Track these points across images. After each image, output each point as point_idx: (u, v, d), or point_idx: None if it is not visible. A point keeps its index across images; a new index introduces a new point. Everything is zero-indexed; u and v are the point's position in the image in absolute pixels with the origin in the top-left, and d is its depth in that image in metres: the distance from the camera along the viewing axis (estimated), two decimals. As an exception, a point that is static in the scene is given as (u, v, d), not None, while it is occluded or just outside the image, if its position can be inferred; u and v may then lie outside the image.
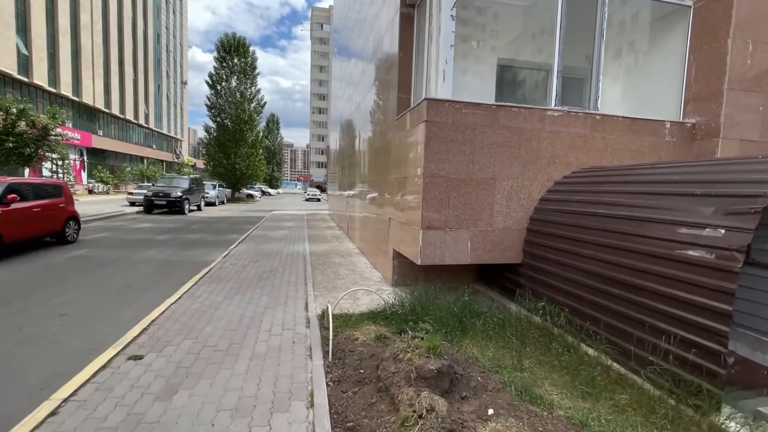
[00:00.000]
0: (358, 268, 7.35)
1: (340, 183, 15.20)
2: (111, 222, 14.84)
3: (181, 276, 6.76)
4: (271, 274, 6.72)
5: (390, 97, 6.44)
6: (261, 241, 10.46)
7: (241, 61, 32.97)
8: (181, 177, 21.64)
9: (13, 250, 8.31)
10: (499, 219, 4.87)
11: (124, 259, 8.17)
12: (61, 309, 4.95)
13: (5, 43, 25.43)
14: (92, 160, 36.93)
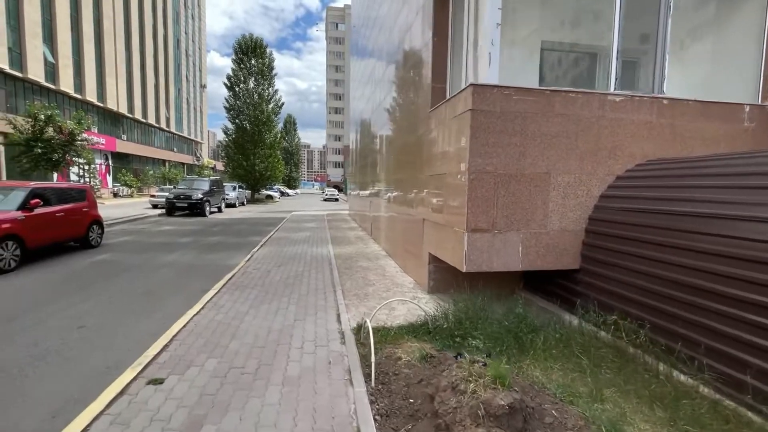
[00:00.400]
0: (388, 272, 6.88)
1: (361, 183, 14.78)
2: (134, 225, 14.87)
3: (203, 282, 6.45)
4: (297, 279, 6.33)
5: (421, 89, 5.94)
6: (283, 244, 10.13)
7: (258, 62, 33.01)
8: (202, 179, 21.70)
9: (36, 255, 8.22)
10: (554, 219, 4.30)
11: (146, 263, 7.95)
12: (80, 320, 4.67)
13: (33, 52, 26.13)
14: (117, 164, 37.78)
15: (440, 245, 4.91)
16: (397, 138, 7.86)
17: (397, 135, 7.84)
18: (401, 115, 7.46)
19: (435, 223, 5.14)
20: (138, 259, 8.42)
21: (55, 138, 23.19)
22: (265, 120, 32.61)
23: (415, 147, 6.35)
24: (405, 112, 7.13)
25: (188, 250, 9.64)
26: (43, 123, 22.83)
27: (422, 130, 5.90)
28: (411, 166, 6.64)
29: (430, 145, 5.44)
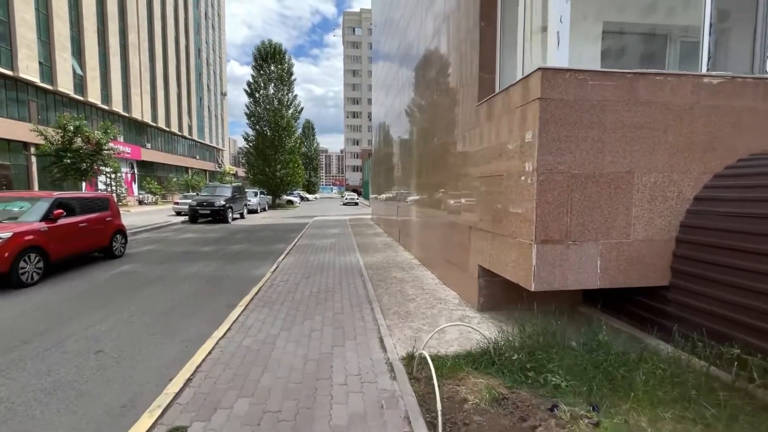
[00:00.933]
0: (427, 284, 6.26)
1: (386, 186, 14.22)
2: (157, 233, 14.77)
3: (228, 297, 6.01)
4: (328, 293, 5.79)
5: (465, 81, 5.33)
6: (309, 252, 9.66)
7: (277, 68, 33.12)
8: (224, 186, 21.67)
9: (59, 266, 8.00)
10: (638, 227, 3.60)
11: (169, 275, 7.60)
12: (99, 342, 4.25)
13: (63, 65, 26.91)
14: (142, 173, 38.62)
15: (496, 258, 4.27)
16: (432, 137, 7.26)
17: (432, 134, 7.24)
18: (437, 112, 6.86)
19: (487, 232, 4.50)
20: (160, 270, 8.09)
21: (83, 148, 23.72)
22: (285, 125, 32.63)
23: (457, 146, 5.73)
24: (442, 109, 6.52)
25: (211, 259, 9.29)
26: (71, 134, 23.40)
27: (466, 127, 5.28)
28: (451, 168, 6.02)
29: (478, 142, 4.82)
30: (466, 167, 5.28)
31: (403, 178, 10.51)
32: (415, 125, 8.87)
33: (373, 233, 13.95)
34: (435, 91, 7.06)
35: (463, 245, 5.33)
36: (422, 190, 8.11)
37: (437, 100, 6.87)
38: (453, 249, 5.83)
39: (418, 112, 8.49)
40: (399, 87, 11.11)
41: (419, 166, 8.38)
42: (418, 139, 8.50)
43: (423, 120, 8.07)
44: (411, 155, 9.33)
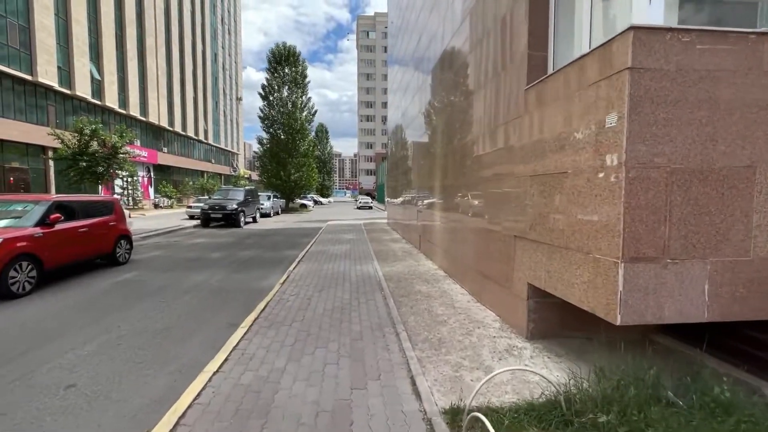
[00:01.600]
0: (457, 301, 5.42)
1: (404, 189, 13.43)
2: (167, 238, 14.30)
3: (232, 313, 5.29)
4: (344, 312, 5.01)
5: (508, 63, 4.50)
6: (322, 260, 8.91)
7: (291, 71, 32.81)
8: (237, 189, 21.24)
9: (58, 274, 7.46)
10: (761, 240, 2.70)
11: (172, 285, 6.96)
12: (73, 374, 3.56)
13: (81, 70, 27.14)
14: (158, 176, 38.83)
15: (556, 276, 3.41)
16: (460, 134, 6.44)
17: (460, 130, 6.41)
18: (467, 106, 6.03)
19: (541, 243, 3.64)
20: (164, 279, 7.47)
21: (99, 151, 23.73)
22: (298, 128, 32.23)
23: (493, 141, 4.90)
24: (474, 100, 5.69)
25: (219, 267, 8.64)
26: (87, 137, 23.44)
27: (509, 117, 4.45)
28: (486, 166, 5.18)
29: (527, 134, 3.98)
30: (508, 165, 4.44)
31: (423, 181, 9.69)
32: (439, 122, 8.06)
33: (390, 239, 13.15)
34: (464, 82, 6.24)
35: (505, 257, 4.48)
36: (448, 193, 7.28)
37: (467, 91, 6.04)
38: (489, 261, 4.97)
39: (443, 108, 7.67)
40: (418, 85, 10.34)
41: (444, 167, 7.55)
42: (443, 137, 7.68)
43: (448, 116, 7.26)
44: (433, 155, 8.51)
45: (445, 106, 7.48)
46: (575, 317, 3.88)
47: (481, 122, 5.40)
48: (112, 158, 24.55)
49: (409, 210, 12.09)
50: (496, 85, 4.86)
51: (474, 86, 5.74)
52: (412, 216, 11.32)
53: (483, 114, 5.34)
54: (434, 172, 8.40)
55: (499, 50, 4.77)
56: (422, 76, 9.88)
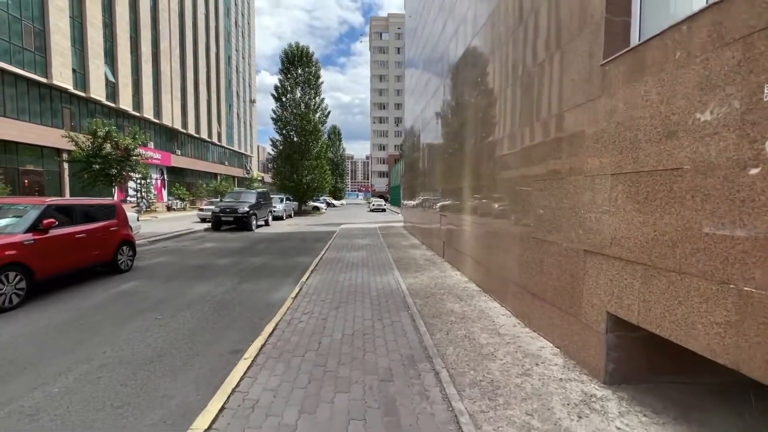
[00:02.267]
0: (501, 326, 4.55)
1: (424, 191, 12.58)
2: (176, 242, 13.76)
3: (236, 335, 4.55)
4: (367, 338, 4.20)
5: (573, 34, 3.65)
6: (338, 268, 8.14)
7: (305, 71, 32.33)
8: (249, 192, 20.71)
9: (50, 284, 6.87)
10: None
11: (173, 298, 6.28)
12: (33, 422, 2.85)
13: (95, 72, 27.15)
14: (171, 179, 38.85)
15: (660, 310, 2.53)
16: (501, 124, 5.58)
17: (502, 120, 5.56)
18: (513, 91, 5.18)
19: (632, 262, 2.77)
20: (165, 290, 6.80)
21: (112, 154, 23.56)
22: (311, 130, 31.70)
23: (549, 130, 4.04)
24: (522, 84, 4.84)
25: (226, 276, 7.95)
26: (101, 139, 23.30)
27: (575, 101, 3.59)
28: (536, 161, 4.32)
29: (605, 120, 3.11)
30: (571, 159, 3.58)
31: (448, 181, 8.83)
32: (469, 115, 7.21)
33: (409, 245, 12.31)
34: (504, 66, 5.39)
35: (567, 276, 3.61)
36: (481, 195, 6.41)
37: (510, 75, 5.19)
38: (542, 277, 4.10)
39: (476, 99, 6.82)
40: (443, 76, 9.50)
41: (475, 165, 6.70)
42: (475, 131, 6.83)
43: (484, 107, 6.41)
44: (461, 153, 7.66)
45: (479, 96, 6.63)
46: (669, 356, 3.00)
47: (530, 110, 4.54)
48: (125, 160, 24.41)
49: (429, 214, 11.23)
50: (553, 65, 4.00)
51: (519, 69, 4.88)
52: (434, 220, 10.46)
53: (533, 100, 4.48)
54: (462, 172, 7.55)
55: (558, 20, 3.91)
56: (448, 66, 9.04)
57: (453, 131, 8.50)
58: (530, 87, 4.55)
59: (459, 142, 7.98)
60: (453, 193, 8.38)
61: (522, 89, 4.79)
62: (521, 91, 4.82)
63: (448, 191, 8.91)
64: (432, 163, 10.89)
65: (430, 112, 11.39)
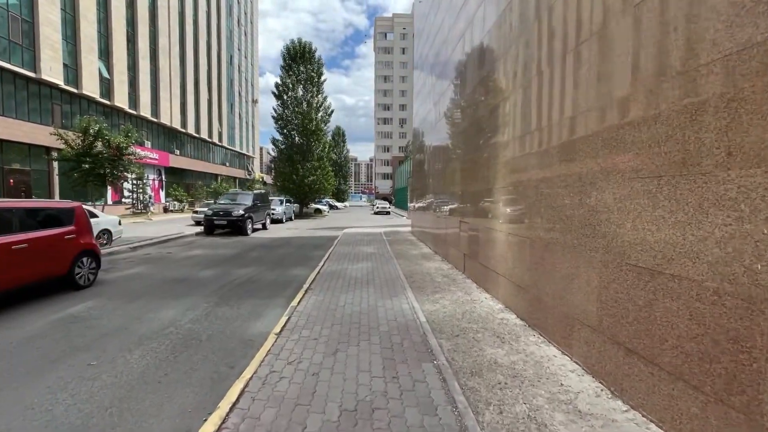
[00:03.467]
0: (578, 394, 3.08)
1: (437, 193, 11.15)
2: (162, 248, 12.40)
3: (187, 400, 3.14)
4: (378, 416, 2.77)
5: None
6: (338, 286, 6.73)
7: (307, 69, 31.04)
8: (245, 193, 19.36)
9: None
10: None
11: (127, 328, 4.89)
12: None
13: (88, 68, 25.98)
14: (170, 179, 37.65)
15: None
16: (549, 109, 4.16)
17: (557, 101, 4.13)
18: (590, 50, 3.75)
19: None
20: (123, 316, 5.41)
21: (103, 152, 22.33)
22: (313, 129, 30.36)
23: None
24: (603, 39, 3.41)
25: (204, 294, 6.55)
26: (92, 137, 22.08)
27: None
28: (625, 148, 2.89)
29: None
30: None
31: (471, 181, 7.39)
32: (506, 98, 5.79)
33: (420, 255, 10.86)
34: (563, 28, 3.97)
35: (727, 340, 2.16)
36: (523, 196, 4.97)
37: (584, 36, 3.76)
38: (659, 330, 2.65)
39: (517, 77, 5.40)
40: (462, 60, 8.09)
41: (510, 160, 5.27)
42: (502, 122, 5.41)
43: (516, 90, 4.98)
44: (487, 148, 6.23)
45: (524, 73, 5.20)
46: None
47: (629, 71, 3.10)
48: (118, 160, 23.18)
49: (444, 219, 9.78)
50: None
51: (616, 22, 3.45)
52: (450, 226, 9.02)
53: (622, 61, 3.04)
54: (492, 170, 6.11)
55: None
56: (468, 47, 7.62)
57: (472, 128, 7.08)
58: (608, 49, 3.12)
59: (481, 138, 6.55)
60: (478, 195, 6.94)
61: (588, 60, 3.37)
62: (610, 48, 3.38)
63: (470, 193, 7.47)
64: (448, 162, 9.45)
65: (441, 106, 9.98)
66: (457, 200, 8.45)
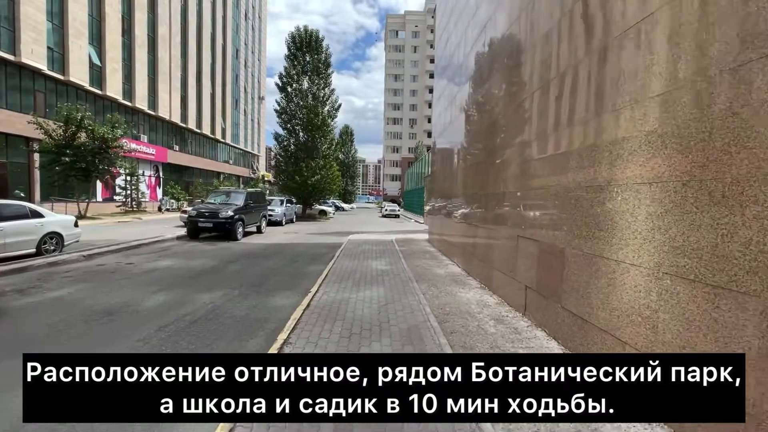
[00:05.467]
0: None
1: (473, 193, 8.62)
2: (124, 256, 10.04)
3: None
4: None
5: None
6: (334, 337, 4.25)
7: (313, 59, 28.72)
8: (237, 191, 17.01)
9: None
10: None
11: None
12: None
13: (77, 53, 23.97)
14: (169, 177, 35.64)
15: None
16: None
17: None
18: None
19: None
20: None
21: (86, 144, 20.22)
22: (319, 124, 28.00)
23: None
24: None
25: (125, 347, 4.10)
26: (75, 128, 20.00)
27: None
28: None
29: None
30: None
31: (561, 169, 4.83)
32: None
33: (448, 275, 8.33)
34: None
35: None
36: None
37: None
38: None
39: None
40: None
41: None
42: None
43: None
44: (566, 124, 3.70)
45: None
46: None
47: None
48: (103, 153, 21.05)
49: (484, 230, 7.23)
50: None
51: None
52: (495, 239, 6.47)
53: None
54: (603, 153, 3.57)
55: None
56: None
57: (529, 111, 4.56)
58: None
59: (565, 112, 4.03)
60: (574, 200, 4.38)
61: None
62: None
63: (551, 193, 4.90)
64: (499, 150, 6.88)
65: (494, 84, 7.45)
66: (513, 205, 5.88)
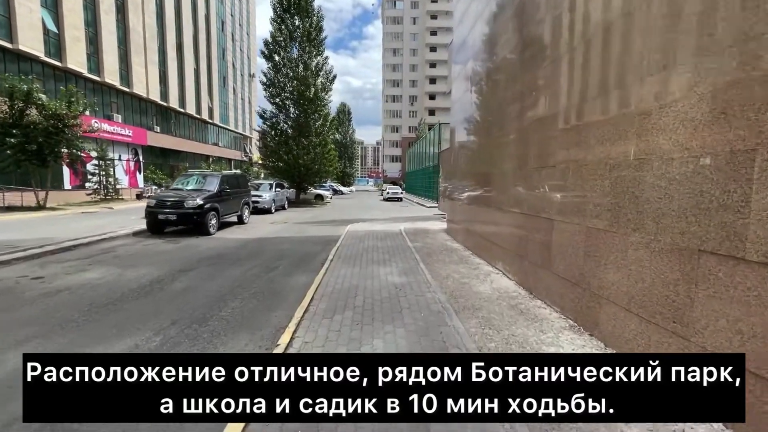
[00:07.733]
0: None
1: (536, 171, 5.78)
2: (42, 263, 7.26)
3: None
4: None
5: None
6: None
7: (303, 22, 25.25)
8: (211, 174, 14.08)
9: None
10: None
11: None
12: None
13: (26, 17, 20.56)
14: (151, 161, 32.56)
15: None
16: None
17: None
18: None
19: None
20: None
21: (38, 124, 17.21)
22: (312, 98, 24.82)
23: None
24: None
25: None
26: (23, 103, 16.96)
27: None
28: None
29: None
30: None
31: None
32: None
33: (501, 297, 5.59)
34: None
35: None
36: None
37: None
38: None
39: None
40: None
41: None
42: None
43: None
44: None
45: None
46: None
47: None
48: (60, 133, 18.02)
49: (567, 225, 4.43)
50: None
51: None
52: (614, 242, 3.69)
53: None
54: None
55: None
56: None
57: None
58: None
59: None
60: None
61: None
62: None
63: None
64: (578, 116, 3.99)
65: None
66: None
